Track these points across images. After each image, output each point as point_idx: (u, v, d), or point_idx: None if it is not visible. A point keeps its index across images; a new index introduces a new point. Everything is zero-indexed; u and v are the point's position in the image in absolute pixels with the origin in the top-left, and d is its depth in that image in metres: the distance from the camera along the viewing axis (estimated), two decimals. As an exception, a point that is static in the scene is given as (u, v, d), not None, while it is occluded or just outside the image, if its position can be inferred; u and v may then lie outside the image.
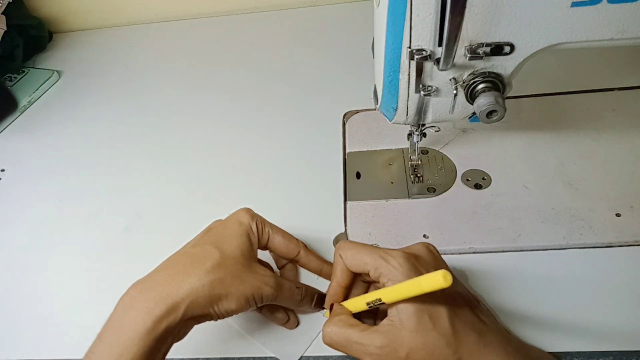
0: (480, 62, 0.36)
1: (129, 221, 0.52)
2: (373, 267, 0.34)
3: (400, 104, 0.40)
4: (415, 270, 0.33)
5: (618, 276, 0.40)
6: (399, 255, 0.34)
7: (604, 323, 0.37)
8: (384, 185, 0.49)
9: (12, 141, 0.66)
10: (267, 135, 0.59)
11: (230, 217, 0.40)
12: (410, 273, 0.33)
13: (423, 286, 0.30)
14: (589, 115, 0.52)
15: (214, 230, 0.39)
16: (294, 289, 0.39)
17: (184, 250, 0.38)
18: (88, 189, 0.57)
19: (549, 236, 0.43)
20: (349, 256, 0.36)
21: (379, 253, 0.35)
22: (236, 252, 0.36)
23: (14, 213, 0.56)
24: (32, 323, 0.45)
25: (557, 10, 0.32)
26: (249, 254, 0.37)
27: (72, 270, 0.49)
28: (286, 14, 0.79)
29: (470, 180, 0.48)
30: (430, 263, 0.35)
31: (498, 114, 0.36)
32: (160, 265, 0.37)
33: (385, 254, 0.34)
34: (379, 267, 0.34)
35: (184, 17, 0.82)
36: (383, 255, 0.34)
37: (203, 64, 0.72)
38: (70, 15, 0.84)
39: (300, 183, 0.52)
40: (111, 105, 0.68)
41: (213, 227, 0.40)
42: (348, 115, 0.59)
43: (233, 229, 0.38)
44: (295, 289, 0.39)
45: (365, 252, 0.35)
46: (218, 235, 0.38)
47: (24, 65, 0.77)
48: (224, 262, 0.35)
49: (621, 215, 0.43)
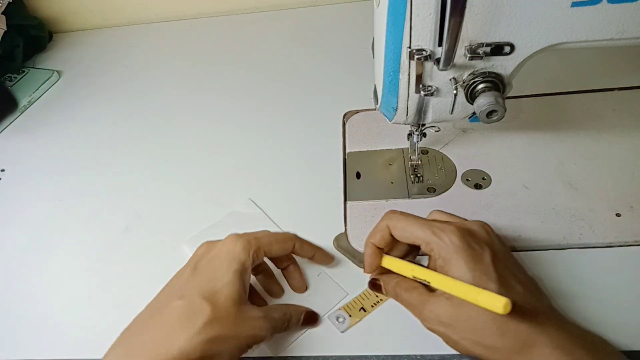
0: (480, 62, 0.36)
1: (129, 221, 0.52)
2: (425, 241, 0.34)
3: (400, 104, 0.40)
4: (470, 248, 0.33)
5: (618, 276, 0.40)
6: (452, 231, 0.33)
7: (604, 323, 0.37)
8: (384, 185, 0.49)
9: (12, 141, 0.66)
10: (267, 135, 0.59)
11: (221, 249, 0.36)
12: (463, 252, 0.32)
13: (479, 299, 0.30)
14: (589, 115, 0.52)
15: (202, 272, 0.35)
16: (286, 320, 0.37)
17: (169, 297, 0.35)
18: (88, 189, 0.57)
19: (549, 236, 0.43)
20: (399, 227, 0.35)
21: (432, 227, 0.34)
22: (228, 302, 0.33)
23: (14, 213, 0.56)
24: (32, 323, 0.45)
25: (557, 10, 0.32)
26: (242, 298, 0.34)
27: (72, 270, 0.49)
28: (286, 14, 0.79)
29: (470, 180, 0.48)
30: (487, 241, 0.34)
31: (498, 114, 0.36)
32: (144, 316, 0.34)
33: (438, 229, 0.34)
34: (430, 242, 0.33)
35: (184, 17, 0.82)
36: (436, 230, 0.34)
37: (203, 64, 0.72)
38: (70, 15, 0.84)
39: (300, 183, 0.52)
40: (111, 105, 0.68)
41: (201, 266, 0.36)
42: (348, 115, 0.59)
43: (224, 269, 0.35)
44: (287, 319, 0.37)
45: (416, 225, 0.35)
46: (207, 280, 0.34)
47: (24, 65, 0.77)
48: (216, 317, 0.32)
49: (621, 215, 0.43)
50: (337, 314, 0.40)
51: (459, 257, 0.32)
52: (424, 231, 0.34)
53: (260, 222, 0.49)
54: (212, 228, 0.49)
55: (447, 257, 0.33)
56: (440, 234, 0.33)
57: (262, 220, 0.49)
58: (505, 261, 0.34)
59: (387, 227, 0.36)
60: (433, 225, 0.34)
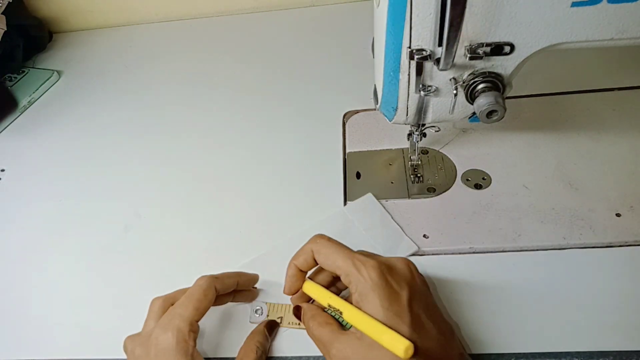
0: (480, 62, 0.36)
1: (129, 221, 0.52)
2: (344, 272, 0.33)
3: (400, 104, 0.40)
4: (387, 286, 0.32)
5: (618, 276, 0.40)
6: (372, 267, 0.32)
7: (604, 323, 0.37)
8: (384, 185, 0.49)
9: (12, 141, 0.66)
10: (267, 135, 0.59)
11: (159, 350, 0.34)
12: (380, 290, 0.32)
13: (383, 339, 0.30)
14: (589, 115, 0.52)
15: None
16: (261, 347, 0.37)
17: None
18: (88, 189, 0.57)
19: (549, 236, 0.43)
20: (322, 254, 0.35)
21: (353, 259, 0.33)
22: None
23: (13, 213, 0.56)
24: (32, 323, 0.45)
25: (557, 10, 0.32)
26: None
27: (72, 270, 0.49)
28: (286, 14, 0.79)
29: (470, 180, 0.48)
30: (404, 278, 0.33)
31: (498, 114, 0.36)
32: None
33: (359, 262, 0.33)
34: (349, 274, 0.33)
35: (184, 17, 0.82)
36: (357, 262, 0.33)
37: (203, 64, 0.72)
38: (70, 15, 0.84)
39: (300, 183, 0.52)
40: (111, 105, 0.68)
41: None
42: (348, 115, 0.59)
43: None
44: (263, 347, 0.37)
45: (339, 254, 0.34)
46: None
47: (24, 65, 0.77)
48: None
49: (621, 215, 0.43)
50: (258, 306, 0.41)
51: (374, 295, 0.32)
52: (345, 262, 0.33)
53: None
54: (266, 256, 0.46)
55: (364, 293, 0.32)
56: (360, 267, 0.32)
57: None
58: (423, 303, 0.33)
59: (311, 251, 0.35)
60: (355, 257, 0.33)
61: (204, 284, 0.36)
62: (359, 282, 0.32)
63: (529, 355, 0.36)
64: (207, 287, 0.36)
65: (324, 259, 0.35)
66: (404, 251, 0.43)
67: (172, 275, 0.46)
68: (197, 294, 0.36)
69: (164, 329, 0.34)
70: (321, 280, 0.37)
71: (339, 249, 0.35)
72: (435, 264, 0.43)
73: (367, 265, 0.33)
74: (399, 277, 0.33)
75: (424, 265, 0.42)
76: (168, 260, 0.48)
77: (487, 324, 0.38)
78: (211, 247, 0.48)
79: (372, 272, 0.32)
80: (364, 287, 0.32)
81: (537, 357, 0.36)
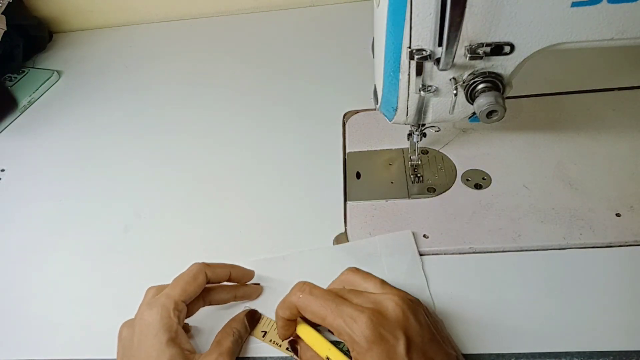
0: (480, 62, 0.36)
1: (128, 221, 0.52)
2: (336, 330, 0.32)
3: (400, 104, 0.40)
4: (382, 341, 0.31)
5: (618, 276, 0.40)
6: (364, 322, 0.31)
7: (604, 323, 0.37)
8: (384, 185, 0.49)
9: (12, 141, 0.66)
10: (267, 135, 0.59)
11: (142, 327, 0.35)
12: (377, 347, 0.31)
13: None
14: (589, 115, 0.52)
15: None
16: (237, 336, 0.37)
17: None
18: (88, 189, 0.57)
19: (549, 236, 0.43)
20: (309, 312, 0.33)
21: (343, 316, 0.32)
22: None
23: (13, 213, 0.56)
24: (32, 323, 0.45)
25: (557, 10, 0.32)
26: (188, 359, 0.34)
27: (72, 270, 0.49)
28: (286, 14, 0.79)
29: (470, 180, 0.48)
30: (399, 325, 0.32)
31: (498, 114, 0.36)
32: None
33: (350, 319, 0.31)
34: (342, 333, 0.32)
35: (184, 17, 0.82)
36: (347, 320, 0.31)
37: (203, 64, 0.72)
38: (70, 15, 0.84)
39: (300, 183, 0.52)
40: (111, 105, 0.68)
41: (132, 355, 0.35)
42: (348, 115, 0.59)
43: (157, 347, 0.33)
44: (238, 335, 0.38)
45: (327, 311, 0.32)
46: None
47: (24, 65, 0.77)
48: None
49: (621, 215, 0.43)
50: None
51: (372, 354, 0.31)
52: (335, 320, 0.32)
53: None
54: (279, 260, 0.45)
55: (361, 351, 0.31)
56: (352, 325, 0.31)
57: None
58: (421, 349, 0.32)
59: (295, 307, 0.34)
60: (344, 312, 0.32)
61: (195, 268, 0.38)
62: (354, 342, 0.31)
63: (529, 355, 0.36)
64: (198, 272, 0.38)
65: (312, 317, 0.33)
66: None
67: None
68: (186, 277, 0.37)
69: (149, 306, 0.35)
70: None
71: (325, 303, 0.33)
72: (435, 264, 0.43)
73: (359, 321, 0.31)
74: (392, 326, 0.32)
75: (424, 265, 0.42)
76: (168, 260, 0.48)
77: (487, 324, 0.38)
78: (211, 247, 0.48)
79: (364, 329, 0.31)
80: (359, 346, 0.31)
81: (537, 357, 0.36)
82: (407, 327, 0.32)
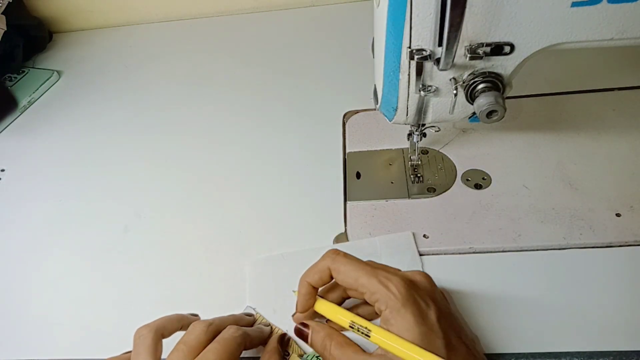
0: (480, 62, 0.36)
1: (128, 221, 0.52)
2: (370, 290, 0.31)
3: (400, 104, 0.40)
4: (416, 302, 0.31)
5: (618, 276, 0.40)
6: (399, 282, 0.31)
7: (604, 323, 0.37)
8: (384, 185, 0.49)
9: (12, 141, 0.66)
10: (266, 135, 0.59)
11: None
12: (411, 306, 0.30)
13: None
14: (589, 115, 0.52)
15: None
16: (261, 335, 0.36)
17: None
18: (88, 189, 0.57)
19: (549, 236, 0.43)
20: (342, 272, 0.33)
21: (378, 276, 0.32)
22: None
23: (13, 213, 0.56)
24: (32, 323, 0.45)
25: (557, 10, 0.32)
26: None
27: (72, 270, 0.49)
28: (286, 14, 0.79)
29: (470, 180, 0.48)
30: (431, 296, 0.32)
31: (498, 114, 0.36)
32: None
33: (385, 279, 0.31)
34: (376, 292, 0.31)
35: (184, 17, 0.82)
36: (382, 279, 0.31)
37: (203, 64, 0.72)
38: (70, 15, 0.84)
39: (300, 183, 0.52)
40: (111, 105, 0.68)
41: None
42: (348, 115, 0.59)
43: None
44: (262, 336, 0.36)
45: (362, 272, 0.32)
46: None
47: (24, 65, 0.77)
48: None
49: (621, 215, 0.43)
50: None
51: (407, 311, 0.30)
52: (369, 279, 0.31)
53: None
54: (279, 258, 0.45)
55: (395, 308, 0.30)
56: (388, 284, 0.31)
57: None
58: (448, 319, 0.32)
59: (329, 269, 0.33)
60: (379, 273, 0.32)
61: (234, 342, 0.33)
62: (389, 299, 0.30)
63: (529, 355, 0.36)
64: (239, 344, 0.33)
65: (344, 277, 0.33)
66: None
67: (172, 275, 0.46)
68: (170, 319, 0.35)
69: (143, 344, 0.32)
70: (334, 299, 0.36)
71: (359, 265, 0.33)
72: (435, 264, 0.43)
73: (394, 281, 0.31)
74: (423, 293, 0.32)
75: (424, 265, 0.42)
76: (168, 260, 0.48)
77: (487, 324, 0.38)
78: (211, 247, 0.48)
79: (401, 288, 0.31)
80: (394, 303, 0.30)
81: (537, 357, 0.36)
82: (436, 299, 0.33)
